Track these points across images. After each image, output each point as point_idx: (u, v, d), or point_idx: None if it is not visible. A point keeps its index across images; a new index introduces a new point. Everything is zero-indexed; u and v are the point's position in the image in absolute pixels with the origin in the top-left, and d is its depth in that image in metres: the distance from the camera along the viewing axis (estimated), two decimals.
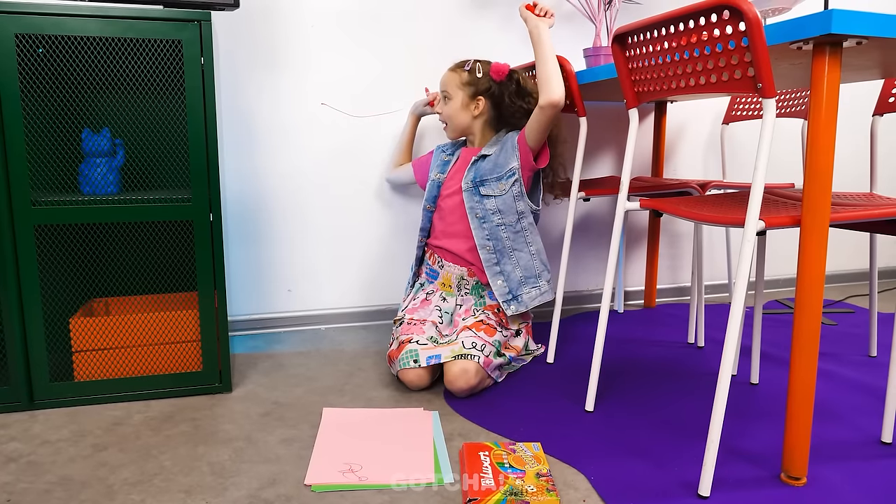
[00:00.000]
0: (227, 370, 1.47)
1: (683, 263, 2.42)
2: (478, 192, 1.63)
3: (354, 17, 1.91)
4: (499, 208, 1.61)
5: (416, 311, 1.65)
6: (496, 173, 1.61)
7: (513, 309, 1.59)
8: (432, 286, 1.72)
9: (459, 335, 1.52)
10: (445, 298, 1.68)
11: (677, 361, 1.69)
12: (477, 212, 1.62)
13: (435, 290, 1.71)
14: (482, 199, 1.62)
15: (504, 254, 1.61)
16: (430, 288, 1.72)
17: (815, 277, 1.01)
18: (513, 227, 1.62)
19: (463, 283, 1.67)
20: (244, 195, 1.89)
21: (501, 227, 1.61)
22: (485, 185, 1.62)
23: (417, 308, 1.66)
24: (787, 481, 1.09)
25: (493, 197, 1.61)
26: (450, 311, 1.66)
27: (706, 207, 1.22)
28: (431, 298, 1.69)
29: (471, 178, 1.64)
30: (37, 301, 1.34)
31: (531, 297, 1.62)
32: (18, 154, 1.29)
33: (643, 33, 1.18)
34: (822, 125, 0.98)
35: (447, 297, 1.68)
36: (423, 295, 1.71)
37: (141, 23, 1.31)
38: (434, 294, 1.70)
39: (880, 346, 1.79)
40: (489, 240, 1.61)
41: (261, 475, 1.11)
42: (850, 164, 2.56)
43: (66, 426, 1.29)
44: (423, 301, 1.69)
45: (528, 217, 1.64)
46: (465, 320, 1.59)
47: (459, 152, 1.75)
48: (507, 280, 1.61)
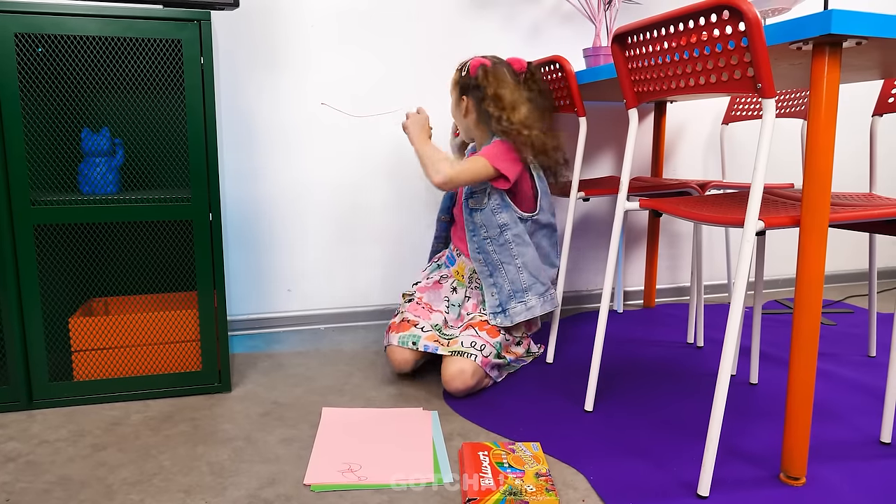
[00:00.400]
0: (227, 370, 1.47)
1: (683, 263, 2.42)
2: (468, 205, 1.61)
3: (355, 17, 1.91)
4: (483, 222, 1.58)
5: (426, 290, 1.67)
6: (480, 185, 1.58)
7: (498, 321, 1.56)
8: (448, 270, 1.72)
9: (462, 333, 1.52)
10: (456, 289, 1.68)
11: (677, 361, 1.69)
12: (469, 225, 1.61)
13: (449, 275, 1.71)
14: (471, 212, 1.60)
15: (495, 266, 1.59)
16: (445, 272, 1.72)
17: (814, 277, 1.01)
18: (496, 241, 1.58)
19: (474, 277, 1.66)
20: (244, 195, 1.89)
21: (487, 241, 1.59)
22: (473, 198, 1.60)
23: (429, 288, 1.68)
24: (786, 481, 1.09)
25: (478, 210, 1.59)
26: (458, 304, 1.65)
27: (706, 207, 1.22)
28: (444, 283, 1.69)
29: (466, 190, 1.62)
30: (36, 301, 1.34)
31: (517, 311, 1.56)
32: (18, 153, 1.28)
33: (643, 33, 1.18)
34: (821, 125, 0.98)
35: (458, 287, 1.68)
36: (437, 276, 1.72)
37: (140, 22, 1.31)
38: (447, 280, 1.70)
39: (879, 347, 1.79)
40: (479, 253, 1.60)
41: (260, 475, 1.11)
42: (849, 164, 2.57)
43: (64, 426, 1.29)
44: (435, 283, 1.70)
45: (514, 228, 1.57)
46: (470, 316, 1.59)
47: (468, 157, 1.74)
48: (499, 293, 1.58)
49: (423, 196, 2.05)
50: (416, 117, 1.61)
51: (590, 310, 2.24)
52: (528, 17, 2.07)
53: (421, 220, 2.06)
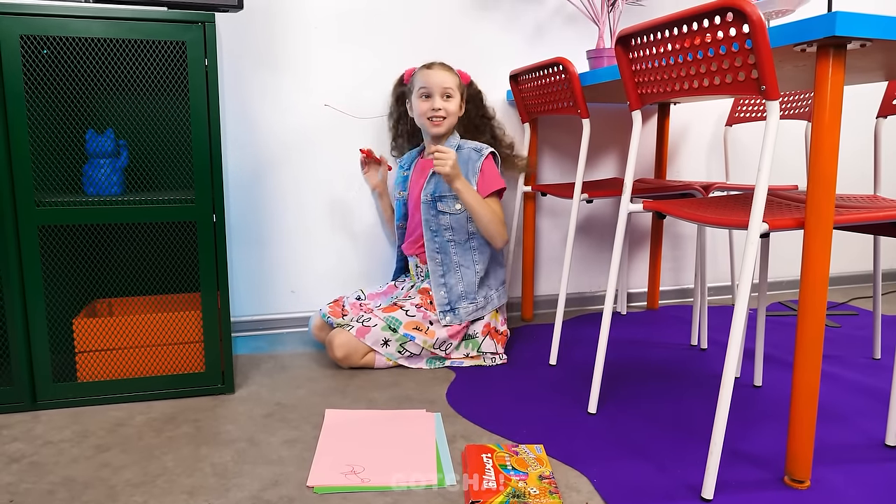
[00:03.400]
0: (230, 371, 1.47)
1: (686, 265, 2.41)
2: (434, 207, 1.68)
3: (357, 18, 1.91)
4: (451, 225, 1.68)
5: (377, 297, 1.82)
6: (448, 191, 1.66)
7: (448, 320, 1.64)
8: (405, 278, 1.87)
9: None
10: (405, 286, 1.81)
11: (680, 363, 1.69)
12: (431, 225, 1.69)
13: (406, 280, 1.86)
14: (438, 214, 1.68)
15: (450, 268, 1.68)
16: (402, 278, 1.88)
17: (818, 279, 1.01)
18: (462, 245, 1.69)
19: (418, 271, 1.78)
20: (247, 196, 1.90)
21: (451, 244, 1.68)
22: (442, 202, 1.67)
23: (382, 293, 1.83)
24: (790, 484, 1.08)
25: (448, 214, 1.67)
26: (400, 296, 1.78)
27: (709, 209, 1.22)
28: (398, 285, 1.84)
29: (430, 190, 1.69)
30: (40, 302, 1.34)
31: (467, 311, 1.66)
32: (23, 155, 1.29)
33: (647, 35, 1.18)
34: (825, 127, 0.98)
35: (407, 284, 1.82)
36: (391, 282, 1.87)
37: (145, 24, 1.31)
38: (402, 282, 1.85)
39: (884, 349, 1.78)
40: (438, 253, 1.69)
41: (263, 476, 1.11)
42: (853, 166, 2.56)
43: (68, 427, 1.29)
44: (389, 286, 1.85)
45: (479, 238, 1.70)
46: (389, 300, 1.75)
47: (415, 163, 1.83)
48: (448, 292, 1.67)
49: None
50: (452, 154, 1.57)
51: (593, 311, 2.24)
52: (531, 19, 2.07)
53: None
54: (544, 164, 2.14)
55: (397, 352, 1.62)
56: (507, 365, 1.67)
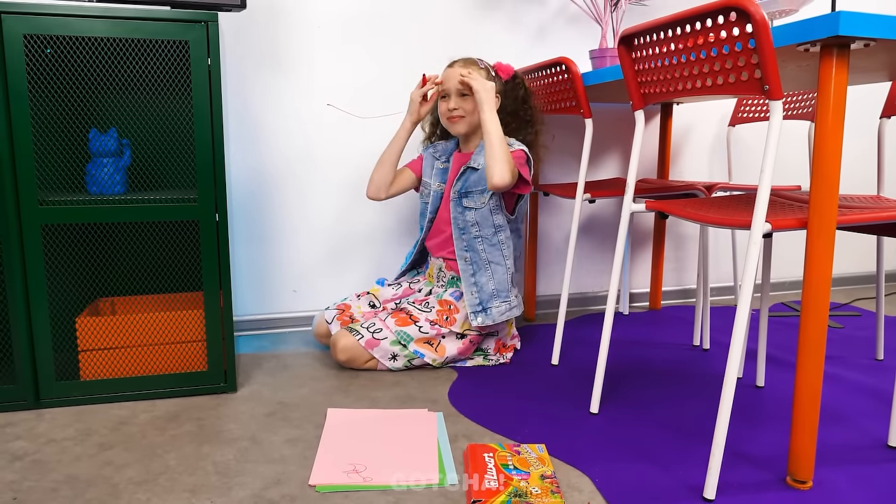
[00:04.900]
0: (233, 370, 1.48)
1: (689, 265, 2.41)
2: (461, 204, 1.64)
3: (360, 18, 1.91)
4: (476, 220, 1.63)
5: (389, 302, 1.76)
6: (480, 185, 1.61)
7: (479, 321, 1.60)
8: (420, 276, 1.82)
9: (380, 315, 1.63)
10: (421, 289, 1.76)
11: (682, 364, 1.68)
12: (458, 222, 1.65)
13: (421, 278, 1.81)
14: (464, 210, 1.64)
15: (480, 266, 1.64)
16: (417, 278, 1.82)
17: (821, 280, 1.01)
18: (489, 240, 1.64)
19: (441, 275, 1.73)
20: (250, 195, 1.90)
21: (478, 240, 1.63)
22: (468, 197, 1.63)
23: (393, 299, 1.76)
24: (792, 485, 1.08)
25: (473, 209, 1.63)
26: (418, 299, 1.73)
27: (712, 210, 1.22)
28: (414, 287, 1.79)
29: (458, 188, 1.65)
30: (43, 300, 1.35)
31: (500, 311, 1.62)
32: (26, 154, 1.29)
33: (650, 35, 1.18)
34: (829, 127, 0.98)
35: (424, 286, 1.77)
36: (406, 285, 1.80)
37: (148, 24, 1.31)
38: (417, 283, 1.79)
39: (887, 350, 1.78)
40: (467, 251, 1.64)
41: (265, 475, 1.11)
42: (857, 166, 2.55)
43: (71, 425, 1.30)
44: (405, 290, 1.78)
45: (506, 231, 1.65)
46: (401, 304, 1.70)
47: (453, 158, 1.74)
48: (479, 292, 1.63)
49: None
50: (485, 83, 1.55)
51: (595, 311, 2.24)
52: (534, 19, 2.07)
53: None
54: (547, 163, 2.14)
55: (404, 367, 1.60)
56: (510, 365, 1.67)
